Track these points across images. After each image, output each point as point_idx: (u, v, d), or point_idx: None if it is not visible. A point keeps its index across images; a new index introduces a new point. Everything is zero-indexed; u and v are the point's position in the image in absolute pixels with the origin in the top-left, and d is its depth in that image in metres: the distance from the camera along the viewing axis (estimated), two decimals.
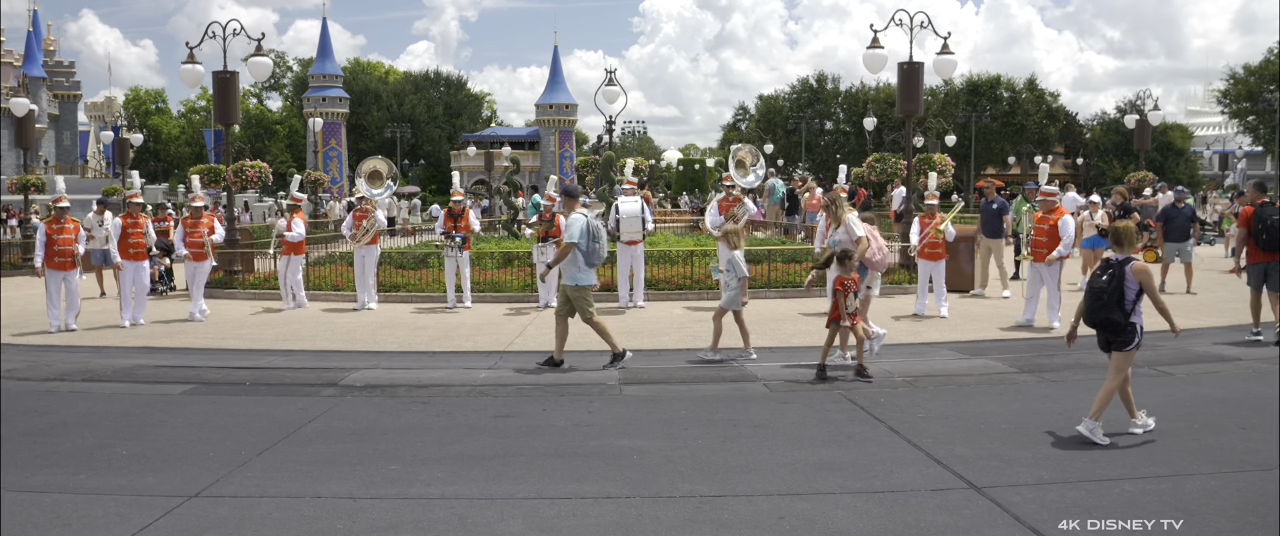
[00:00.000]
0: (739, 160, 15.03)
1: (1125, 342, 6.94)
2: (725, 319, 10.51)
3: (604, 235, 9.92)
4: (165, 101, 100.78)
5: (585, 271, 9.82)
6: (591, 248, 9.67)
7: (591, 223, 9.75)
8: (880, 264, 10.25)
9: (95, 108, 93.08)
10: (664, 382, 9.18)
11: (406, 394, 8.75)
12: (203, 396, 8.76)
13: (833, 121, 75.58)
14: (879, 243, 10.19)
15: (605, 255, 10.00)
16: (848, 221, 10.07)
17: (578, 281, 9.81)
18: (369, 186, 15.30)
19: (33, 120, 23.27)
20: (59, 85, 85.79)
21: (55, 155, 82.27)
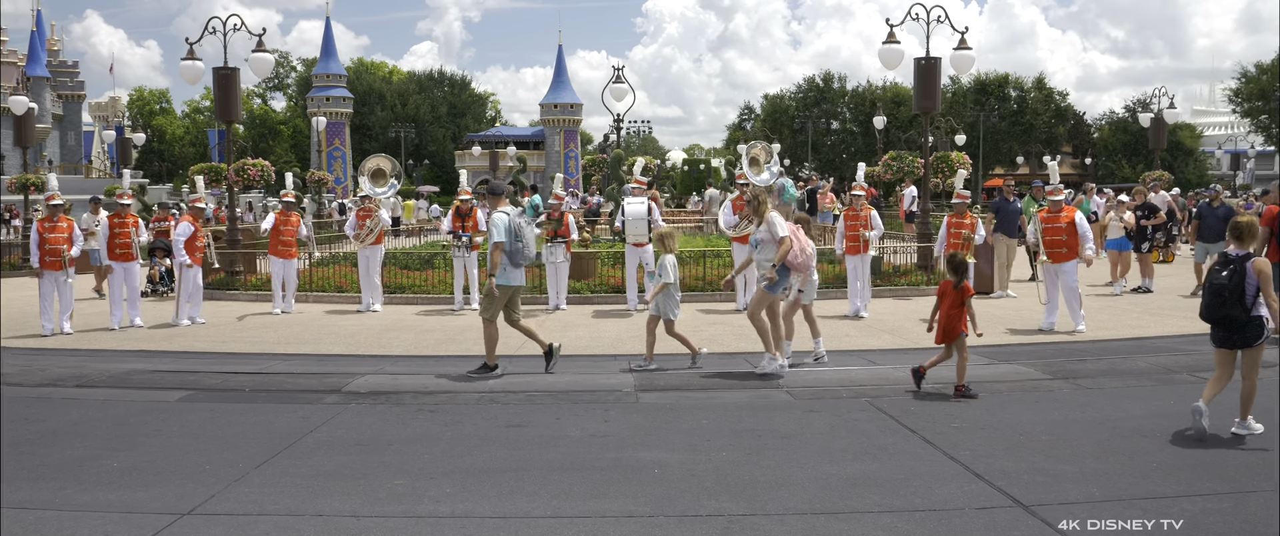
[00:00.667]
0: (753, 157, 14.64)
1: (1252, 338, 6.76)
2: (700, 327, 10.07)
3: (530, 234, 9.57)
4: (169, 102, 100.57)
5: (509, 271, 9.43)
6: (515, 247, 9.34)
7: (514, 222, 9.42)
8: (803, 267, 9.41)
9: (99, 108, 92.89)
10: (681, 390, 8.79)
11: (413, 401, 8.37)
12: (200, 403, 8.39)
13: (839, 121, 75.14)
14: (802, 243, 9.38)
15: (532, 255, 9.60)
16: (770, 220, 9.34)
17: (500, 281, 9.42)
18: (372, 185, 14.92)
19: (32, 119, 22.96)
20: (63, 85, 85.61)
21: (59, 155, 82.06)
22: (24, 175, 23.19)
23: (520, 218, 9.48)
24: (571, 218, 14.68)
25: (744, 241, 14.15)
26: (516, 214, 9.52)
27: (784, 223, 9.36)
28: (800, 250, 9.37)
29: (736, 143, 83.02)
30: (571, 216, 14.74)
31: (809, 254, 9.49)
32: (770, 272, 9.19)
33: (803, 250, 9.41)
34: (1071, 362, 9.98)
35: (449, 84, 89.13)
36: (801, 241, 9.45)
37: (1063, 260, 11.88)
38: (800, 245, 9.38)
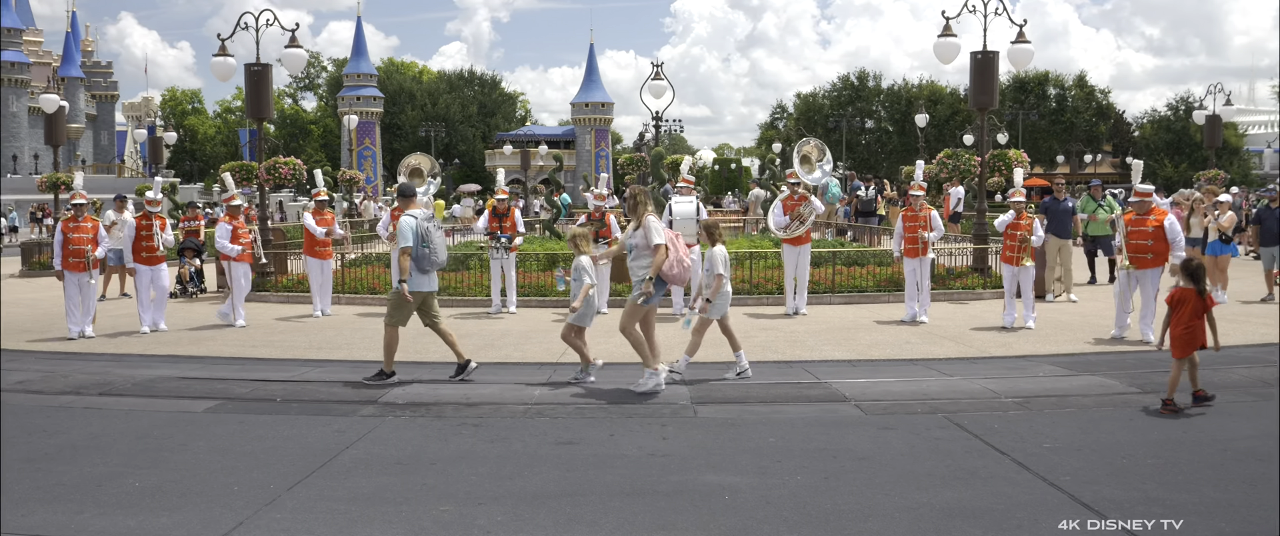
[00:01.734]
0: (804, 155, 14.02)
1: None
2: (630, 334, 8.96)
3: (439, 238, 9.21)
4: (201, 102, 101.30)
5: (416, 277, 9.06)
6: (422, 252, 9.01)
7: (421, 226, 9.08)
8: (679, 278, 8.58)
9: (133, 108, 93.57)
10: (741, 402, 8.19)
11: (454, 413, 7.83)
12: (228, 414, 7.89)
13: (874, 119, 74.20)
14: (680, 253, 8.53)
15: (442, 260, 9.25)
16: (647, 223, 8.51)
17: (415, 287, 9.06)
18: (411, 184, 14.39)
19: (63, 117, 22.71)
20: (97, 85, 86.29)
21: (92, 155, 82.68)
22: (54, 174, 22.93)
23: (428, 222, 9.17)
24: (613, 218, 14.10)
25: (795, 243, 13.57)
26: (424, 217, 9.20)
27: (662, 229, 8.50)
28: (677, 260, 8.51)
29: (769, 142, 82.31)
30: (613, 217, 14.16)
31: (686, 266, 8.61)
32: (646, 285, 8.45)
33: (680, 261, 8.52)
34: (1158, 375, 9.27)
35: (479, 83, 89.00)
36: (679, 251, 8.60)
37: (1148, 266, 11.13)
38: (677, 255, 8.51)
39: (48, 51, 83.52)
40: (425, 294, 9.19)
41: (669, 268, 8.49)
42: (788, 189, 13.85)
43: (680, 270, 8.54)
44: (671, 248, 8.52)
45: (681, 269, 8.58)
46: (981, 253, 16.16)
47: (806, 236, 13.69)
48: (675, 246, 8.58)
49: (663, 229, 8.55)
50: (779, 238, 13.80)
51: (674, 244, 8.61)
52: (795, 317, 13.40)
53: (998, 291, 15.57)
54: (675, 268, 8.51)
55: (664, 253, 8.44)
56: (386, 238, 14.25)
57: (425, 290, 9.18)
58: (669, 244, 8.51)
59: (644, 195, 8.86)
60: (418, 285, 9.11)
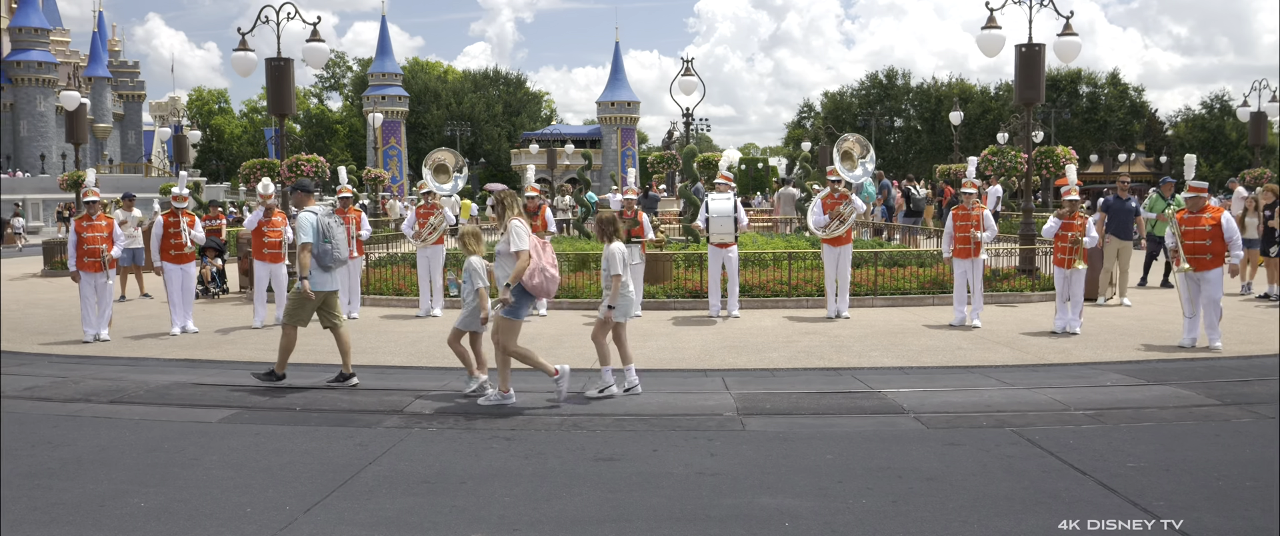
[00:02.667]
0: (846, 151, 13.42)
1: None
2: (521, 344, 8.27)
3: (340, 235, 8.86)
4: (228, 102, 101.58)
5: (318, 274, 8.75)
6: (323, 248, 8.71)
7: (322, 221, 8.76)
8: (539, 288, 7.86)
9: (159, 108, 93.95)
10: (791, 414, 7.64)
11: (485, 425, 7.32)
12: (244, 425, 7.41)
13: (903, 118, 73.30)
14: (542, 262, 7.86)
15: (343, 257, 8.92)
16: (512, 228, 7.89)
17: (316, 286, 8.76)
18: (435, 180, 13.93)
19: (84, 114, 22.41)
20: (124, 85, 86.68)
21: (120, 154, 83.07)
22: (74, 172, 22.65)
23: (329, 217, 8.82)
24: (647, 217, 13.57)
25: (836, 243, 13.00)
26: (325, 213, 8.85)
27: (526, 235, 7.86)
28: (537, 269, 7.81)
29: (796, 141, 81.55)
30: (646, 216, 13.62)
31: (548, 275, 7.87)
32: (504, 293, 7.85)
33: (540, 269, 7.83)
34: (1236, 385, 8.68)
35: (504, 83, 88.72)
36: (543, 259, 7.91)
37: (1206, 268, 10.49)
38: (538, 263, 7.84)
39: (75, 51, 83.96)
40: (327, 293, 8.85)
41: (528, 277, 7.80)
42: (828, 186, 13.28)
43: (541, 279, 7.85)
44: (534, 255, 7.84)
45: (542, 278, 7.85)
46: (1029, 253, 15.52)
47: (848, 236, 13.11)
48: (538, 254, 7.89)
49: (527, 235, 7.88)
50: (818, 237, 13.21)
51: (540, 251, 7.91)
52: (837, 321, 12.83)
53: (1047, 294, 14.95)
54: (535, 277, 7.82)
55: (525, 260, 7.76)
56: (412, 237, 13.78)
57: (327, 289, 8.84)
58: (532, 252, 7.83)
59: (511, 198, 8.17)
60: (320, 284, 8.77)
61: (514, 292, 7.80)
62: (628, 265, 13.08)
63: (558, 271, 8.06)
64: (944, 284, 14.86)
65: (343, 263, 9.00)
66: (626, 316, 8.36)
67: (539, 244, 7.96)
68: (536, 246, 7.91)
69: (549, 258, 7.99)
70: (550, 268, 7.93)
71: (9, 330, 12.82)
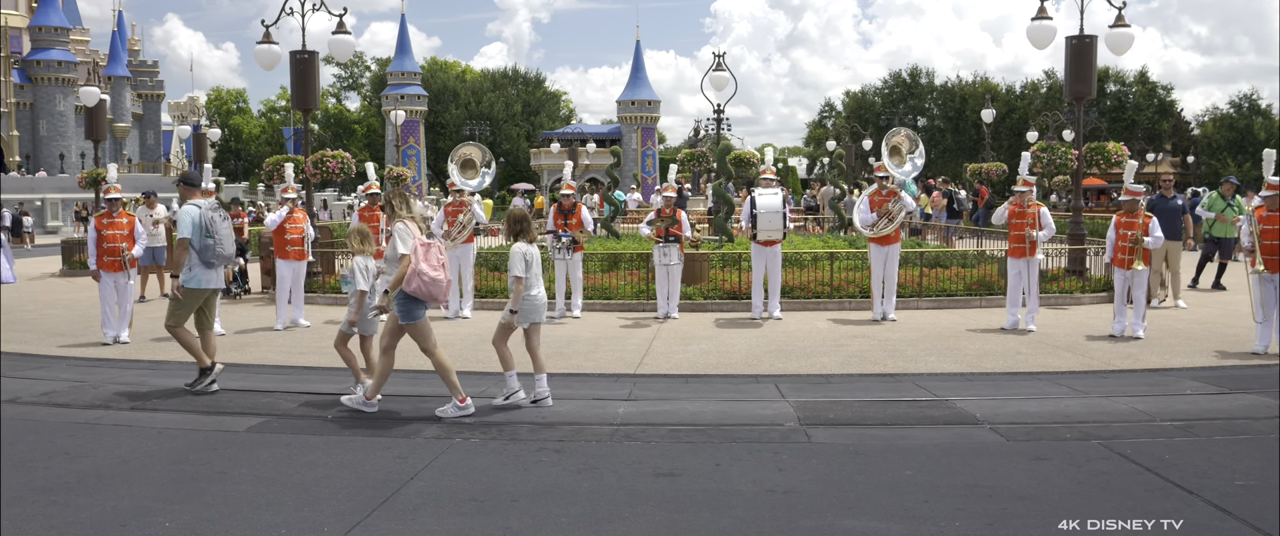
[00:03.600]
0: (894, 146, 12.89)
1: None
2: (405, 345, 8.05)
3: (224, 230, 8.50)
4: (246, 101, 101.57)
5: (200, 270, 8.42)
6: (205, 244, 8.37)
7: (205, 216, 8.40)
8: (419, 291, 7.41)
9: (178, 107, 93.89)
10: (858, 425, 7.13)
11: (530, 435, 6.85)
12: (274, 434, 6.96)
13: (927, 117, 72.53)
14: (427, 265, 7.43)
15: (228, 253, 8.55)
16: (397, 231, 7.54)
17: (188, 282, 8.43)
18: (462, 176, 13.48)
19: (104, 111, 22.10)
20: (143, 85, 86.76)
21: (139, 153, 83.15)
22: (94, 170, 22.34)
23: (213, 212, 8.46)
24: (685, 215, 13.08)
25: (882, 243, 12.48)
26: (209, 207, 8.46)
27: (410, 238, 7.49)
28: (416, 272, 7.39)
29: (817, 140, 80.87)
30: (685, 214, 13.14)
31: (429, 279, 7.43)
32: (383, 299, 7.59)
33: (419, 273, 7.40)
34: None
35: (522, 82, 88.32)
36: (428, 263, 7.47)
37: None
38: (418, 266, 7.42)
39: (94, 51, 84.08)
40: (209, 291, 8.55)
41: (408, 281, 7.40)
42: (875, 183, 12.77)
43: (419, 283, 7.42)
44: (414, 258, 7.42)
45: (421, 282, 7.41)
46: (1079, 254, 14.95)
47: (896, 235, 12.60)
48: (421, 257, 7.45)
49: (411, 238, 7.49)
50: (867, 237, 12.70)
51: (423, 255, 7.46)
52: (884, 324, 12.32)
53: (1097, 295, 14.42)
54: (413, 281, 7.40)
55: (406, 264, 7.39)
56: (440, 236, 13.31)
57: (211, 287, 8.53)
58: (414, 255, 7.43)
59: (399, 199, 7.78)
60: (203, 281, 8.45)
61: (401, 297, 7.46)
62: (665, 266, 12.70)
63: (444, 273, 7.55)
64: (991, 285, 14.33)
65: (228, 259, 8.60)
66: (528, 321, 7.85)
67: (422, 247, 7.53)
68: (421, 248, 7.50)
69: (432, 260, 7.53)
70: (430, 271, 7.46)
71: (26, 331, 12.45)
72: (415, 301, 7.50)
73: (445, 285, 7.56)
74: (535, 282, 7.83)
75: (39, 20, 74.13)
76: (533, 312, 7.82)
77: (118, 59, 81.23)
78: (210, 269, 8.48)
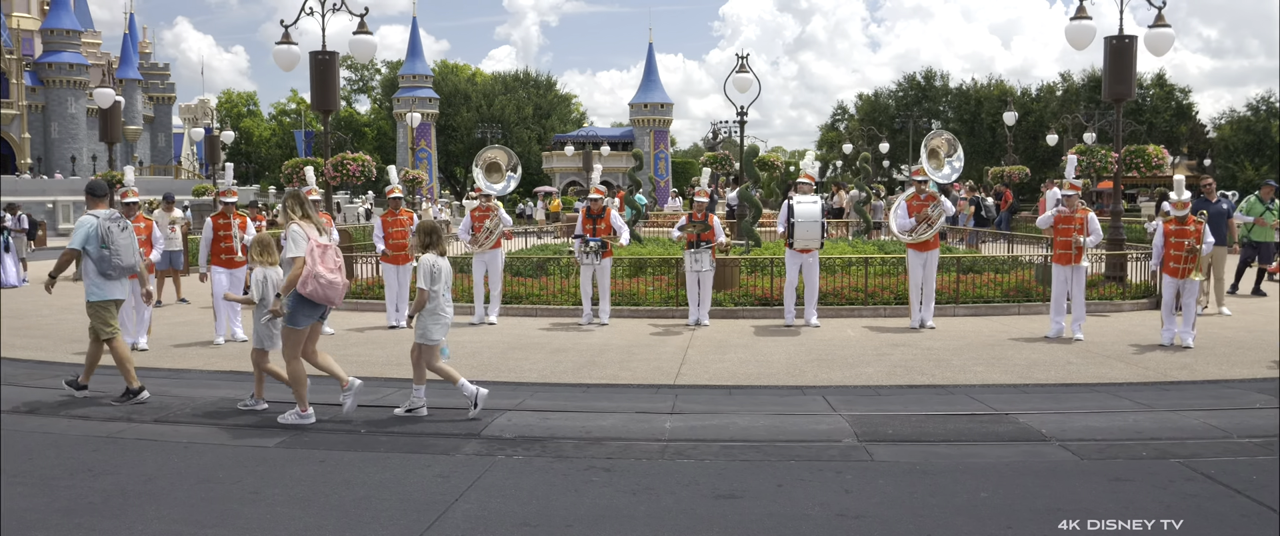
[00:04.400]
0: (932, 149, 12.52)
1: None
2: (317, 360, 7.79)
3: (124, 241, 8.23)
4: (257, 104, 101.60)
5: (100, 283, 8.17)
6: (101, 255, 8.09)
7: (102, 226, 8.11)
8: (316, 294, 7.26)
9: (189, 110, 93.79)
10: (919, 441, 6.78)
11: (575, 451, 6.51)
12: (305, 450, 6.64)
13: (941, 120, 72.07)
14: (323, 268, 7.28)
15: (128, 263, 8.27)
16: (291, 233, 7.33)
17: (91, 296, 8.22)
18: (487, 180, 13.16)
19: (119, 112, 21.85)
20: (154, 87, 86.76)
21: (150, 156, 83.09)
22: (109, 172, 22.08)
23: (111, 222, 8.17)
24: (717, 219, 12.74)
25: (922, 248, 12.13)
26: (107, 217, 8.16)
27: (303, 240, 7.27)
28: (312, 275, 7.22)
29: (830, 143, 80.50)
30: (717, 218, 12.80)
31: (326, 282, 7.28)
32: (276, 304, 7.46)
33: (315, 276, 7.23)
34: None
35: (533, 85, 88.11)
36: (319, 264, 7.28)
37: None
38: (313, 269, 7.23)
39: (106, 53, 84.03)
40: (115, 301, 8.33)
41: (301, 284, 7.21)
42: (913, 187, 12.41)
43: (314, 286, 7.24)
44: (309, 261, 7.23)
45: (316, 285, 7.24)
46: (1118, 259, 14.56)
47: (935, 241, 12.23)
48: (315, 259, 7.26)
49: (305, 241, 7.27)
50: (905, 242, 12.34)
51: (318, 257, 7.28)
52: (923, 331, 11.96)
53: (1138, 302, 14.05)
54: (308, 283, 7.22)
55: (297, 267, 7.19)
56: (467, 241, 13.00)
57: (112, 298, 8.28)
58: (309, 257, 7.23)
59: (294, 201, 7.55)
60: (106, 292, 8.21)
61: (293, 301, 7.30)
62: (697, 272, 12.36)
63: (340, 275, 7.40)
64: (1028, 292, 13.96)
65: (128, 270, 8.33)
66: (424, 338, 7.58)
67: (319, 248, 7.31)
68: (316, 250, 7.29)
69: (329, 263, 7.35)
70: (326, 273, 7.28)
71: (41, 337, 12.17)
72: (305, 306, 7.35)
73: (342, 288, 7.45)
74: (445, 296, 7.63)
75: (51, 23, 74.14)
76: (427, 328, 7.56)
77: (129, 62, 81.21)
78: (109, 280, 8.25)
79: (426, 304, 7.50)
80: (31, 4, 78.37)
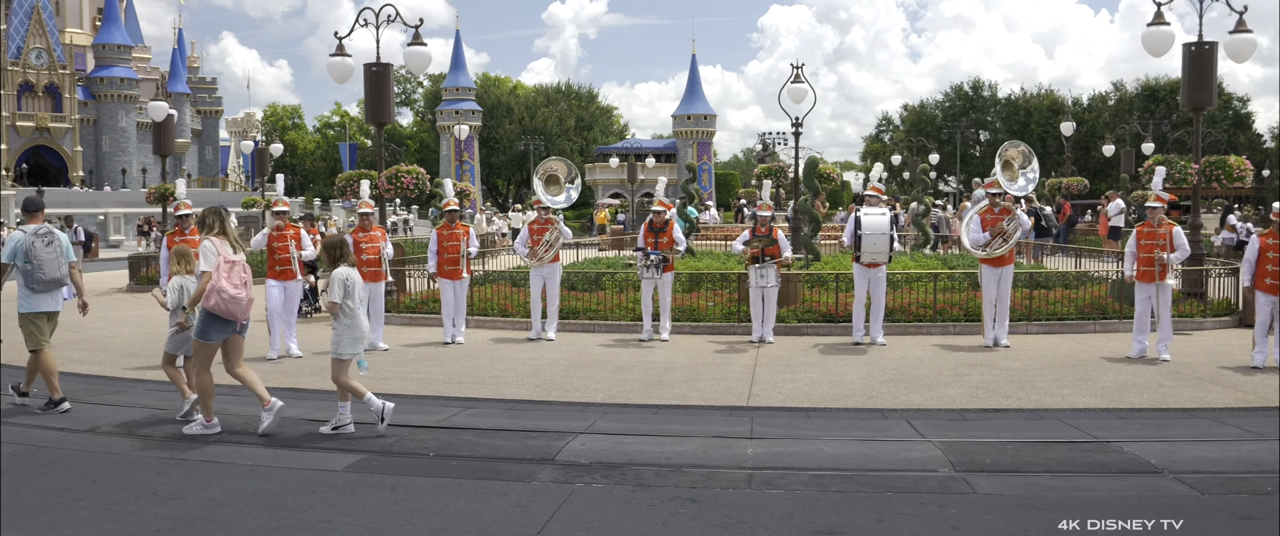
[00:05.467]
0: (1006, 161, 12.11)
1: None
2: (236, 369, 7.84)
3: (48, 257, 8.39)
4: (301, 117, 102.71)
5: (27, 296, 8.46)
6: (25, 269, 8.38)
7: (25, 242, 8.36)
8: (219, 308, 7.31)
9: (235, 123, 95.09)
10: (1021, 471, 6.37)
11: (656, 479, 6.19)
12: (375, 475, 6.38)
13: (989, 130, 71.13)
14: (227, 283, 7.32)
15: (52, 277, 8.44)
16: (202, 248, 7.47)
17: (21, 308, 8.49)
18: (546, 192, 12.92)
19: (172, 125, 21.93)
20: (202, 101, 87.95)
21: (197, 169, 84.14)
22: (162, 185, 22.14)
23: (36, 238, 8.42)
24: (782, 234, 12.39)
25: (995, 264, 11.72)
26: (34, 232, 8.46)
27: (212, 255, 7.39)
28: (215, 289, 7.28)
29: (874, 155, 79.68)
30: (782, 232, 12.45)
31: (228, 297, 7.31)
32: (182, 315, 7.88)
33: (218, 290, 7.29)
34: None
35: (574, 97, 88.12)
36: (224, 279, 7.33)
37: None
38: (217, 283, 7.29)
39: (155, 68, 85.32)
40: (46, 313, 8.56)
41: (207, 297, 7.33)
42: (987, 200, 11.99)
43: (217, 300, 7.31)
44: (215, 276, 7.33)
45: (220, 299, 7.30)
46: (1198, 275, 14.01)
47: (1011, 256, 11.80)
48: (222, 274, 7.33)
49: (214, 256, 7.39)
50: (978, 257, 11.92)
51: (225, 273, 7.35)
52: (998, 350, 11.52)
53: (1219, 319, 13.52)
54: (211, 298, 7.31)
55: (203, 282, 7.37)
56: (524, 254, 12.76)
57: (42, 310, 8.52)
58: (216, 272, 7.33)
59: (212, 216, 7.70)
60: (35, 305, 8.47)
61: (202, 315, 7.44)
62: (762, 288, 12.03)
63: (245, 292, 7.42)
64: (1104, 308, 13.47)
65: (54, 284, 8.52)
66: (339, 353, 7.46)
67: (226, 264, 7.40)
68: (224, 266, 7.38)
69: (235, 278, 7.41)
70: (230, 288, 7.34)
71: (98, 351, 12.07)
72: (215, 321, 7.41)
73: (246, 304, 7.46)
74: (357, 310, 7.54)
75: (102, 38, 75.37)
76: (339, 343, 7.46)
77: (177, 76, 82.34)
78: (36, 294, 8.47)
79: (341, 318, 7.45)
80: (84, 19, 79.78)
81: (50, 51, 71.70)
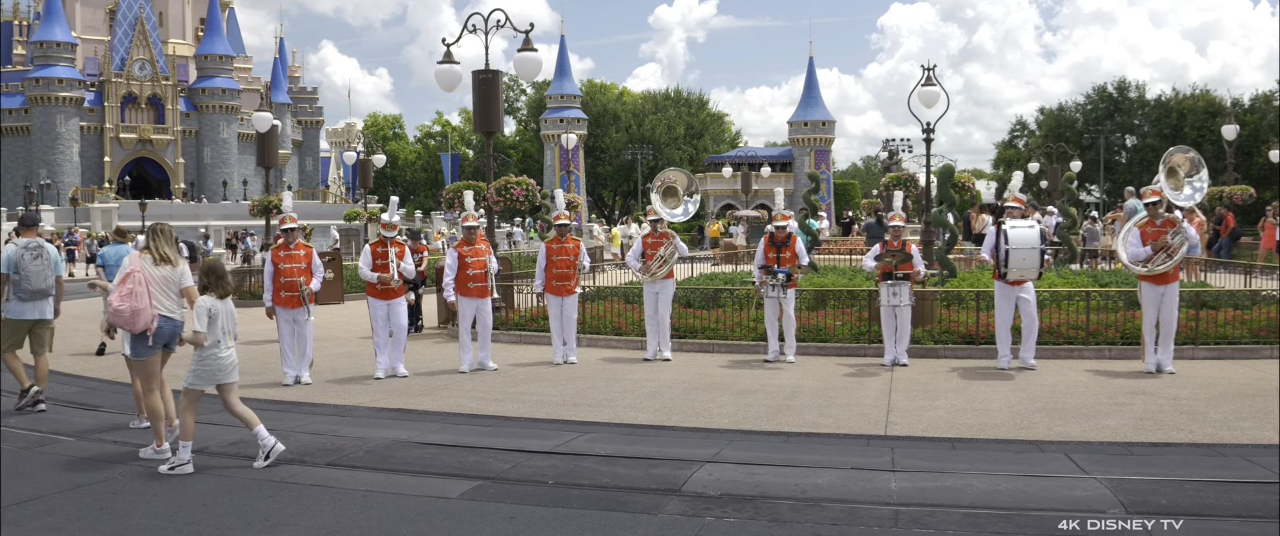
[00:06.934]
0: (1171, 168, 11.57)
1: None
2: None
3: (36, 268, 9.62)
4: (402, 127, 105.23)
5: (14, 304, 9.68)
6: (14, 280, 9.62)
7: (15, 254, 9.57)
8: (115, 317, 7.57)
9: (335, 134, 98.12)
10: (1206, 515, 5.96)
11: (793, 515, 6.02)
12: (492, 504, 6.36)
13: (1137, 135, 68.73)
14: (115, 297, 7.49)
15: (39, 287, 9.67)
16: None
17: (9, 314, 9.71)
18: (664, 205, 12.86)
19: (276, 137, 22.64)
20: (303, 111, 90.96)
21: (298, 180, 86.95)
22: (265, 197, 22.85)
23: (25, 250, 9.60)
24: (916, 249, 12.08)
25: (1157, 282, 11.21)
26: (24, 245, 9.63)
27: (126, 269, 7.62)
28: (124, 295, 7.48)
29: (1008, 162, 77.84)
30: (916, 248, 12.14)
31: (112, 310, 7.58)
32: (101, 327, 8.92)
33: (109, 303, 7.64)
34: None
35: (684, 103, 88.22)
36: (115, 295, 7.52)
37: None
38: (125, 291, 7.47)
39: (256, 78, 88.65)
40: (32, 322, 9.76)
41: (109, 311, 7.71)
42: (1146, 212, 11.48)
43: (111, 313, 7.66)
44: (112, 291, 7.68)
45: (111, 313, 7.64)
46: None
47: (1175, 273, 11.27)
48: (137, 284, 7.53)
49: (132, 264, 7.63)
50: (1137, 274, 11.41)
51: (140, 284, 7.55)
52: (1161, 376, 11.00)
53: None
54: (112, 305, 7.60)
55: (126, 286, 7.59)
56: (637, 269, 12.72)
57: (29, 318, 9.74)
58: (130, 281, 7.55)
59: (151, 231, 7.91)
60: (21, 313, 9.68)
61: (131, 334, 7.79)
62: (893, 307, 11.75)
63: (130, 303, 7.47)
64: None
65: (40, 294, 9.70)
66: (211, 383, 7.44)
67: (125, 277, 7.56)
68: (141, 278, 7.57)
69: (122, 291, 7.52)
70: (118, 301, 7.50)
71: None
72: (138, 337, 7.70)
73: (130, 314, 7.51)
74: (221, 341, 7.44)
75: (205, 49, 78.63)
76: (217, 373, 7.44)
77: (278, 86, 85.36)
78: (25, 302, 9.67)
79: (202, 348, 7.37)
80: (186, 30, 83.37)
81: (153, 62, 75.12)
